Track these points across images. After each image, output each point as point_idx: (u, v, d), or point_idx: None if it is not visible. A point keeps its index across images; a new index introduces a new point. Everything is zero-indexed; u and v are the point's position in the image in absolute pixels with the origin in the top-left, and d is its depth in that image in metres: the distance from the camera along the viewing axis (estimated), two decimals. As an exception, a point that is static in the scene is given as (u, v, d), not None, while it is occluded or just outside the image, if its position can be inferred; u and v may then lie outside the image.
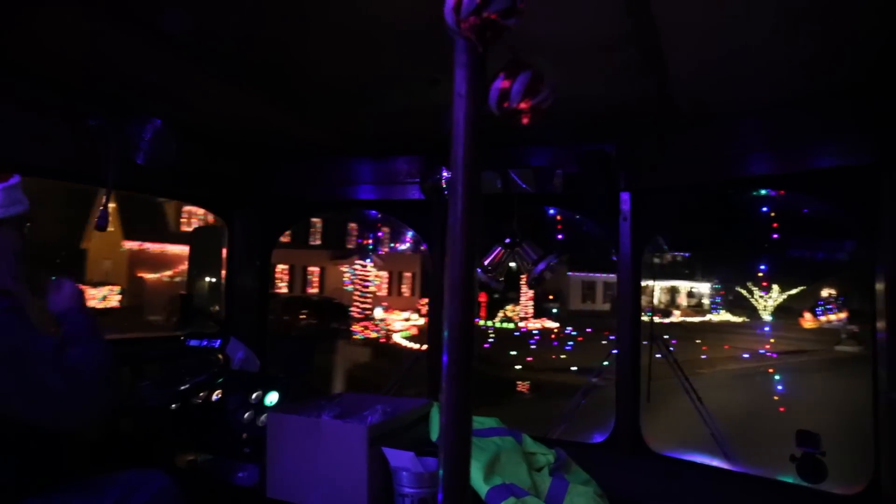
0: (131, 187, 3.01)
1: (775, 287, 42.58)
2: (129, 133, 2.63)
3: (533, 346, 21.51)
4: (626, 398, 2.86)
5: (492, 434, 2.35)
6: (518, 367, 16.15)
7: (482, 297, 38.23)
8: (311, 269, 37.03)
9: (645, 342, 3.01)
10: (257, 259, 3.72)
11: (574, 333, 25.05)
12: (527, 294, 36.79)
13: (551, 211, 3.73)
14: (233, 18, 1.83)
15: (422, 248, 3.83)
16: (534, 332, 28.56)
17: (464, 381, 0.78)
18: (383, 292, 37.34)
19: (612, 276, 3.07)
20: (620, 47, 1.90)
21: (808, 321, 36.61)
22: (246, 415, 2.48)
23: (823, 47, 1.89)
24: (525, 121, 0.89)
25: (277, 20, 1.83)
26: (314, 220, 35.16)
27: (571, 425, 3.46)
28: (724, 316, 41.99)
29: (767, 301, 42.91)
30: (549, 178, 2.98)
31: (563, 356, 18.07)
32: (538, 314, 33.87)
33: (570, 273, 39.32)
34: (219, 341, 2.79)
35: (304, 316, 25.43)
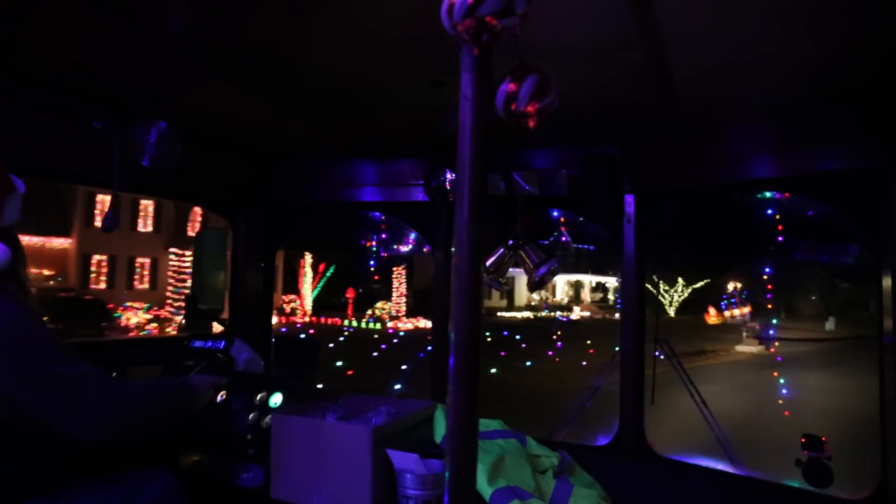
0: (136, 189, 3.02)
1: (680, 280, 40.09)
2: (133, 135, 2.65)
3: (375, 354, 18.69)
4: (629, 401, 2.85)
5: (496, 436, 2.35)
6: (319, 385, 11.56)
7: (349, 294, 34.27)
8: (140, 260, 31.61)
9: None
10: (261, 260, 3.73)
11: (444, 336, 23.12)
12: (399, 290, 32.47)
13: (555, 213, 3.73)
14: (237, 21, 1.84)
15: (425, 249, 3.82)
16: (400, 333, 25.65)
17: (471, 384, 0.78)
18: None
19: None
20: (625, 50, 1.90)
21: (712, 316, 34.91)
22: (250, 416, 2.48)
23: (829, 50, 1.88)
24: (531, 124, 0.89)
25: (281, 23, 1.84)
26: (145, 201, 30.22)
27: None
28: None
29: (673, 295, 40.66)
30: (552, 181, 2.98)
31: (404, 367, 13.81)
32: (415, 312, 29.89)
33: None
34: (223, 342, 2.79)
35: (46, 319, 21.86)
